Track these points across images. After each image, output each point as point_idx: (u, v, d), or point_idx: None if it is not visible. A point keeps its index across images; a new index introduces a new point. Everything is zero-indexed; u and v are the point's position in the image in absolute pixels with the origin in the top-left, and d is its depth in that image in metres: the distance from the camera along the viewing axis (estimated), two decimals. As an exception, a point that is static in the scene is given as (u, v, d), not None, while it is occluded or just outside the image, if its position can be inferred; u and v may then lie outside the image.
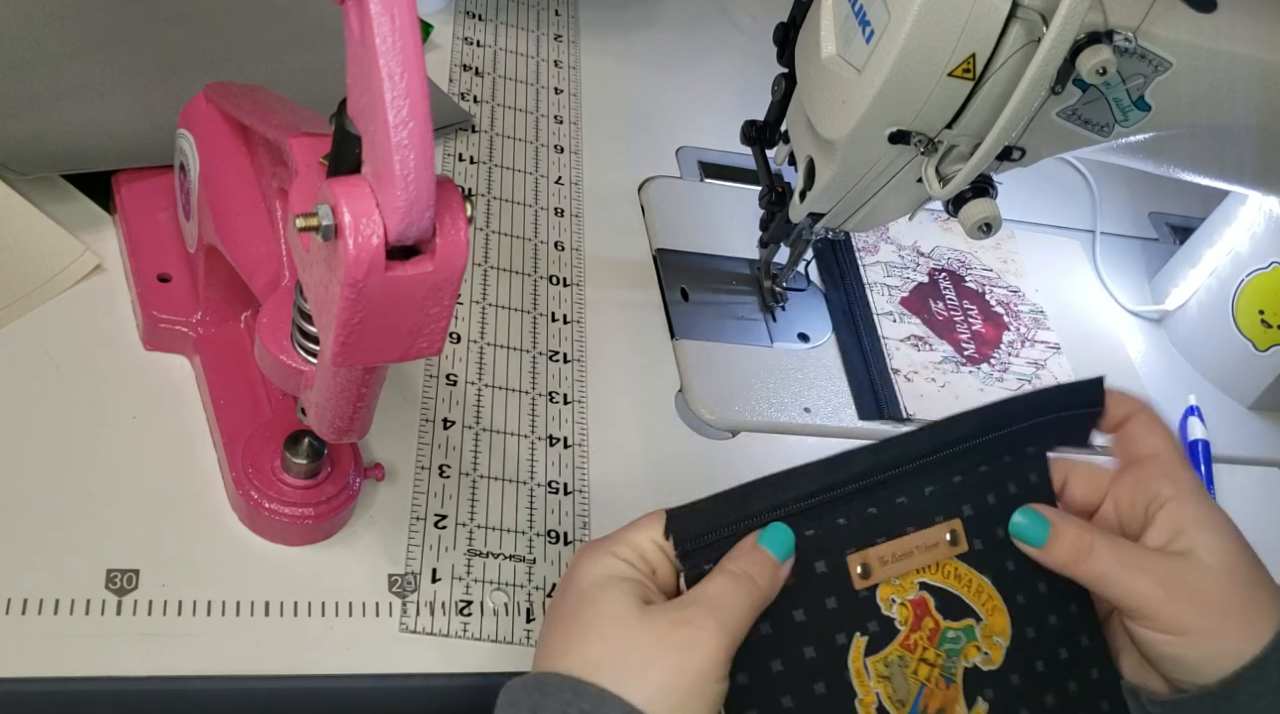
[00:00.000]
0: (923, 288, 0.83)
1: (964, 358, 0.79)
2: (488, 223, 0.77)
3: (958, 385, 0.77)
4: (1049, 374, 0.80)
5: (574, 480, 0.66)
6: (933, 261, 0.85)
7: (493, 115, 0.84)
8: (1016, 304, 0.84)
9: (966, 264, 0.86)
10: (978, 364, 0.79)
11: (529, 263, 0.76)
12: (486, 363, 0.69)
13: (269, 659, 0.54)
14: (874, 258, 0.83)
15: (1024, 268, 0.88)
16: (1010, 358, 0.80)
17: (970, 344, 0.80)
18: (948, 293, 0.83)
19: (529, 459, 0.66)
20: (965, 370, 0.78)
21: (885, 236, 0.84)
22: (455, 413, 0.66)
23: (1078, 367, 0.82)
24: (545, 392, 0.69)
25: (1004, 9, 0.56)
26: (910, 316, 0.80)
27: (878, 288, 0.81)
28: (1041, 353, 0.81)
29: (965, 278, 0.85)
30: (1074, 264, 0.93)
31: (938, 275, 0.84)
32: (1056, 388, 0.54)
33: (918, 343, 0.78)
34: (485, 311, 0.72)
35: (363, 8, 0.39)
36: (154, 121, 0.68)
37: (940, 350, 0.79)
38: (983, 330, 0.81)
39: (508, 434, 0.66)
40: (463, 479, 0.63)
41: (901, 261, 0.84)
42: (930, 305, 0.81)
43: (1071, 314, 0.87)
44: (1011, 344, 0.81)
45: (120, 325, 0.63)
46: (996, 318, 0.83)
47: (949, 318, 0.81)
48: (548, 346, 0.72)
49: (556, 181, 0.82)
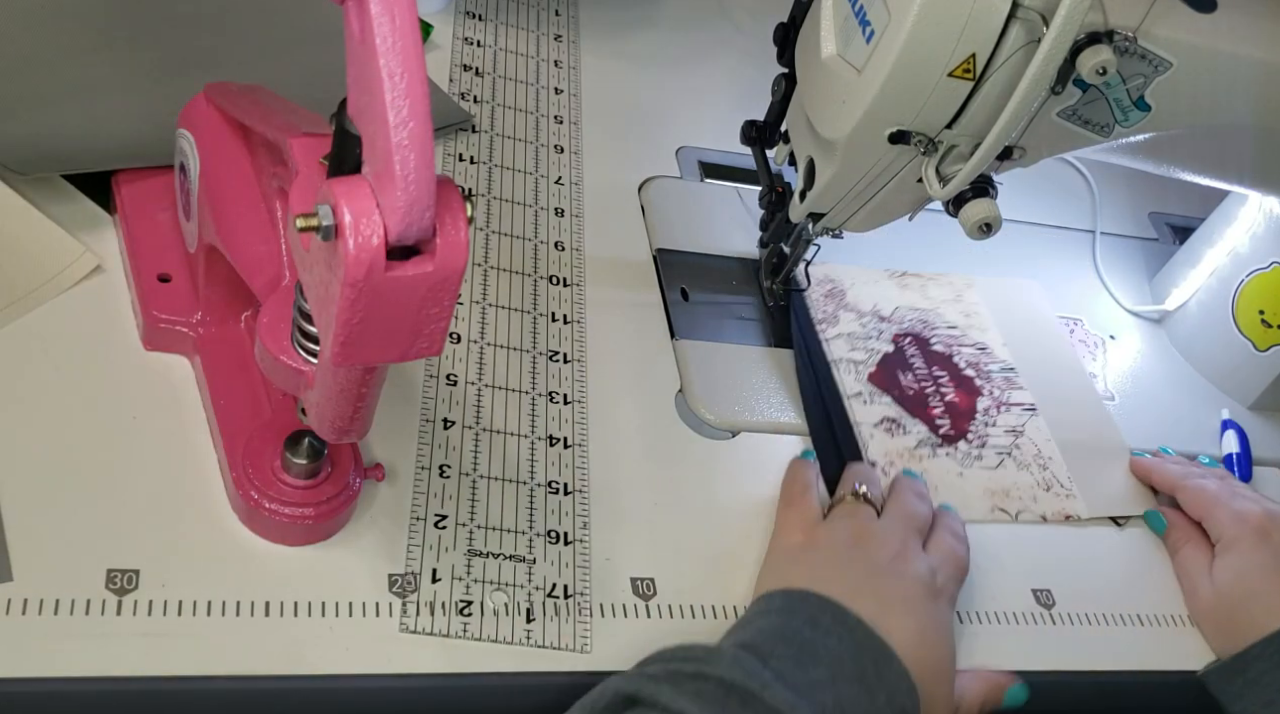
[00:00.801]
0: (889, 359, 0.77)
1: (940, 437, 0.74)
2: (488, 223, 0.77)
3: (935, 471, 0.72)
4: (1028, 441, 0.76)
5: (574, 480, 0.66)
6: (895, 325, 0.80)
7: (493, 115, 0.84)
8: (986, 363, 0.80)
9: (930, 323, 0.81)
10: (954, 442, 0.74)
11: (529, 263, 0.76)
12: (486, 363, 0.69)
13: (269, 659, 0.54)
14: (835, 330, 0.78)
15: (987, 320, 0.83)
16: (987, 429, 0.75)
17: (945, 419, 0.75)
18: (915, 361, 0.78)
19: (529, 459, 0.66)
20: (942, 452, 0.73)
21: (843, 303, 0.80)
22: (455, 413, 0.66)
23: (1055, 424, 0.77)
24: (545, 391, 0.69)
25: (1004, 9, 0.56)
26: (880, 395, 0.75)
27: (844, 365, 0.76)
28: (1018, 418, 0.77)
29: (931, 340, 0.80)
30: (1068, 269, 0.93)
31: (903, 341, 0.79)
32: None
33: (891, 427, 0.73)
34: (485, 311, 0.72)
35: (363, 8, 0.39)
36: (154, 121, 0.68)
37: (914, 432, 0.74)
38: (956, 400, 0.76)
39: (508, 434, 0.66)
40: (463, 479, 0.63)
41: (864, 330, 0.78)
42: (900, 378, 0.76)
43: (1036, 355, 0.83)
44: (986, 411, 0.77)
45: (120, 325, 0.63)
46: (968, 383, 0.78)
47: (920, 391, 0.76)
48: (548, 346, 0.72)
49: (556, 181, 0.82)
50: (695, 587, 0.63)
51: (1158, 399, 0.85)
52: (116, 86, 0.71)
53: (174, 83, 0.71)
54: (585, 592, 0.61)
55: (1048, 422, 0.77)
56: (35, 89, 0.69)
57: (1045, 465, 0.74)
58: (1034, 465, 0.74)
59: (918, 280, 0.84)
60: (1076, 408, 0.80)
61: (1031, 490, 0.72)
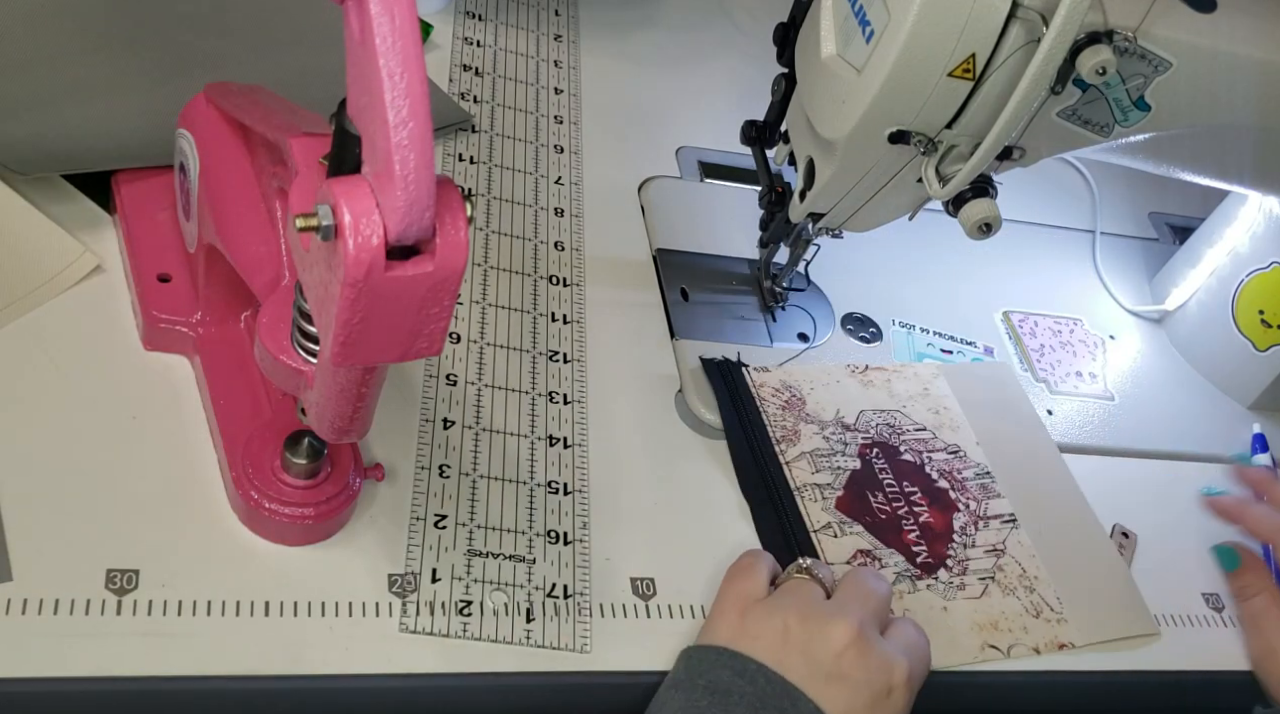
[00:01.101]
0: (857, 477, 0.70)
1: (918, 567, 0.67)
2: (488, 223, 0.77)
3: (918, 607, 0.65)
4: (1011, 560, 0.69)
5: (574, 480, 0.66)
6: (861, 434, 0.73)
7: (493, 115, 0.84)
8: (960, 470, 0.73)
9: (897, 427, 0.74)
10: (934, 571, 0.67)
11: (529, 263, 0.76)
12: (486, 363, 0.69)
13: (269, 659, 0.54)
14: (796, 449, 0.70)
15: (958, 416, 0.76)
16: (966, 551, 0.69)
17: (921, 545, 0.68)
18: (885, 476, 0.71)
19: (529, 459, 0.66)
20: (922, 585, 0.66)
21: (804, 415, 0.72)
22: (455, 413, 0.66)
23: (1038, 534, 0.71)
24: (545, 391, 0.69)
25: (1004, 9, 0.56)
26: (851, 524, 0.68)
27: (808, 492, 0.68)
28: (998, 533, 0.70)
29: (900, 448, 0.73)
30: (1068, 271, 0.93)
31: (870, 454, 0.72)
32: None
33: (866, 561, 0.66)
34: (485, 312, 0.72)
35: (363, 8, 0.39)
36: (154, 121, 0.68)
37: (891, 564, 0.67)
38: (931, 520, 0.69)
39: (508, 434, 0.66)
40: (463, 479, 0.63)
41: (828, 445, 0.71)
42: (870, 501, 0.69)
43: (1013, 452, 0.76)
44: (964, 529, 0.70)
45: (120, 325, 0.63)
46: (943, 498, 0.71)
47: (893, 514, 0.69)
48: (547, 347, 0.72)
49: (556, 181, 0.82)
50: (695, 587, 0.63)
51: (1158, 399, 0.85)
52: (116, 86, 0.71)
53: (174, 83, 0.71)
54: (585, 592, 0.61)
55: (1030, 533, 0.71)
56: (35, 89, 0.69)
57: (1032, 587, 0.68)
58: (1020, 588, 0.68)
59: (881, 375, 0.77)
60: (1059, 509, 0.74)
61: (1021, 618, 0.66)
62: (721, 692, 0.54)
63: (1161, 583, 0.73)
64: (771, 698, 0.53)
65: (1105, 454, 0.80)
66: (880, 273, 0.85)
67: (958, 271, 0.88)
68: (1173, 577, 0.74)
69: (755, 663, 0.55)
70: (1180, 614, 0.71)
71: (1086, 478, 0.77)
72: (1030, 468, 0.75)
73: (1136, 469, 0.80)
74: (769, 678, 0.54)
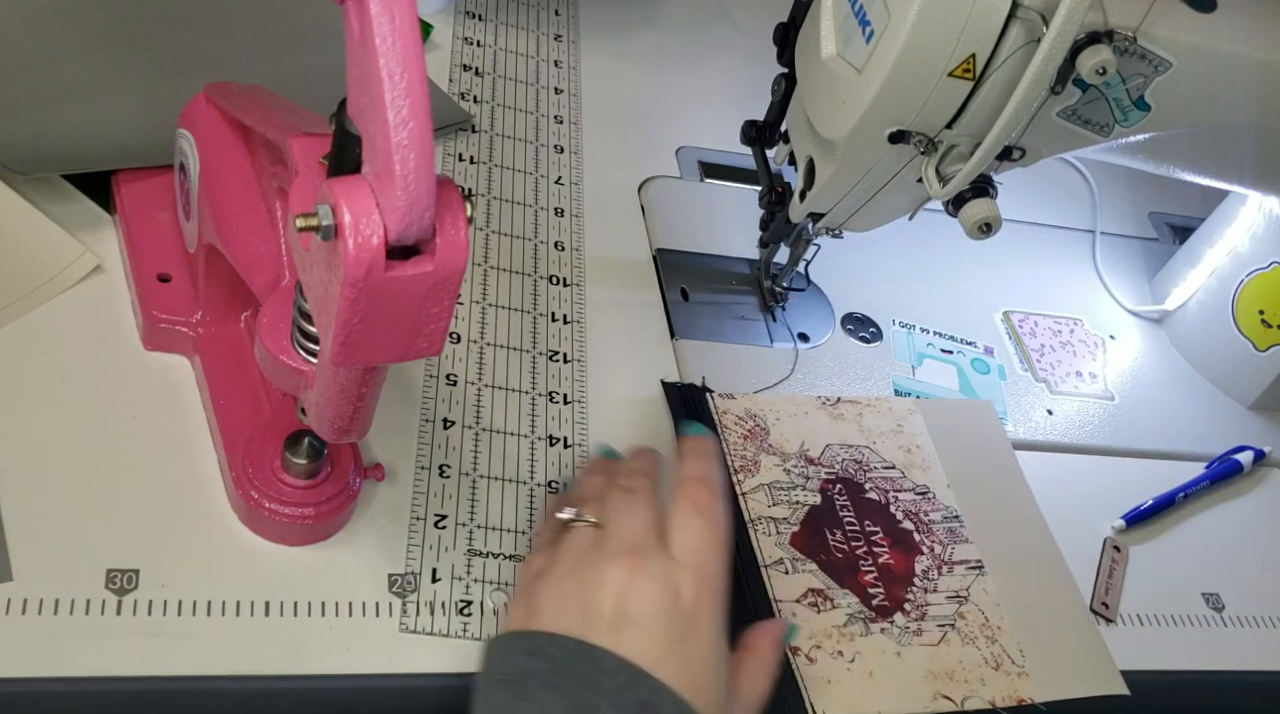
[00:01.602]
0: (815, 513, 0.67)
1: (873, 610, 0.64)
2: (488, 223, 0.77)
3: (869, 652, 0.62)
4: (974, 609, 0.66)
5: (574, 480, 0.66)
6: (825, 469, 0.70)
7: (493, 115, 0.84)
8: (927, 512, 0.70)
9: (865, 464, 0.71)
10: (890, 615, 0.64)
11: (529, 263, 0.76)
12: (486, 363, 0.69)
13: (269, 659, 0.54)
14: (754, 480, 0.68)
15: (930, 456, 0.73)
16: (926, 595, 0.66)
17: (879, 587, 0.65)
18: (846, 514, 0.68)
19: (529, 459, 0.66)
20: (876, 629, 0.63)
21: (765, 445, 0.70)
22: (455, 413, 0.66)
23: (1005, 583, 0.68)
24: (545, 391, 0.69)
25: (1004, 9, 0.56)
26: (805, 561, 0.65)
27: (762, 526, 0.66)
28: (962, 580, 0.67)
29: (865, 486, 0.70)
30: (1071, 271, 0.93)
31: (832, 490, 0.69)
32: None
33: (817, 600, 0.63)
34: (485, 312, 0.72)
35: (363, 8, 0.39)
36: (154, 121, 0.68)
37: (844, 605, 0.64)
38: (891, 562, 0.66)
39: (508, 434, 0.66)
40: (463, 479, 0.63)
41: (788, 477, 0.69)
42: (827, 538, 0.66)
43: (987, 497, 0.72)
44: (926, 573, 0.67)
45: (120, 325, 0.63)
46: (906, 539, 0.68)
47: (850, 553, 0.66)
48: (548, 347, 0.72)
49: (556, 181, 0.82)
50: (695, 587, 0.63)
51: (1158, 399, 0.85)
52: (116, 86, 0.71)
53: (174, 83, 0.71)
54: (585, 592, 0.61)
55: (996, 581, 0.68)
56: (35, 89, 0.69)
57: (994, 637, 0.65)
58: (981, 638, 0.65)
59: (854, 408, 0.74)
60: (1030, 560, 0.70)
61: (979, 669, 0.64)
62: (518, 680, 0.50)
63: (1161, 583, 0.73)
64: (570, 665, 0.50)
65: (1105, 454, 0.80)
66: (880, 273, 0.85)
67: (958, 271, 0.88)
68: (1173, 577, 0.74)
69: (545, 635, 0.51)
70: (1180, 614, 0.71)
71: (1086, 478, 0.77)
72: (1003, 514, 0.72)
73: (1136, 469, 0.80)
74: (562, 646, 0.50)
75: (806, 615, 0.63)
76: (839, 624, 0.63)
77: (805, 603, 0.63)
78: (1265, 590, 0.76)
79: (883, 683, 0.61)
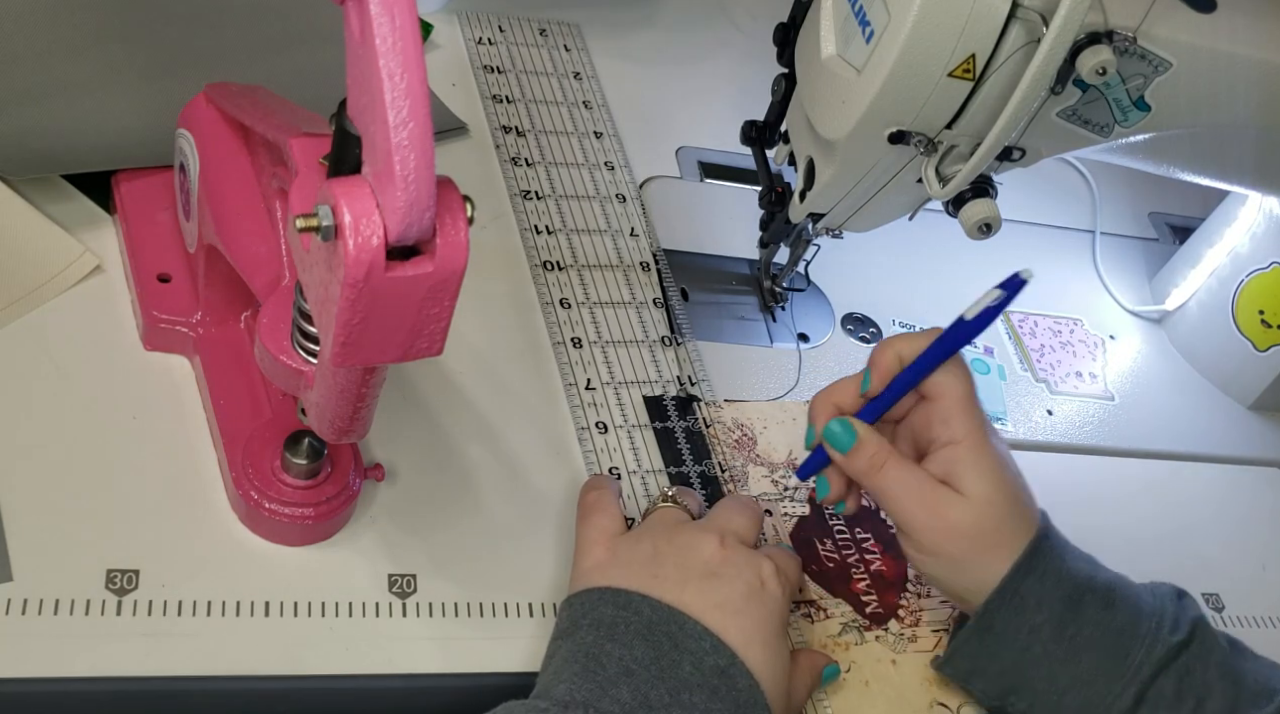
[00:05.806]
0: (806, 525, 0.67)
1: (866, 618, 0.64)
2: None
3: (864, 660, 0.62)
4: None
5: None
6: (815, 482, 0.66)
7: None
8: None
9: None
10: (884, 622, 0.64)
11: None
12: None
13: (269, 659, 0.54)
14: (743, 492, 0.67)
15: None
16: (920, 601, 0.65)
17: (871, 594, 0.65)
18: (835, 522, 0.67)
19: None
20: (870, 636, 0.63)
21: (753, 455, 0.69)
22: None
23: None
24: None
25: (1004, 9, 0.56)
26: None
27: None
28: None
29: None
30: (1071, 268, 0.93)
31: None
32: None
33: (810, 611, 0.63)
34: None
35: (363, 8, 0.39)
36: (153, 121, 0.68)
37: (837, 615, 0.63)
38: (883, 569, 0.66)
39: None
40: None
41: (775, 489, 0.68)
42: (819, 549, 0.66)
43: None
44: (919, 579, 0.66)
45: (120, 325, 0.63)
46: (897, 545, 0.63)
47: (841, 562, 0.66)
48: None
49: (556, 181, 0.82)
50: (695, 587, 0.63)
51: (1158, 399, 0.85)
52: (116, 86, 0.71)
53: (173, 82, 0.71)
54: (585, 592, 0.61)
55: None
56: (35, 89, 0.69)
57: None
58: None
59: None
60: None
61: None
62: (608, 625, 0.53)
63: (1161, 583, 0.73)
64: (659, 624, 0.53)
65: (1105, 454, 0.80)
66: (880, 273, 0.85)
67: (957, 271, 0.88)
68: (1172, 577, 0.74)
69: (638, 594, 0.54)
70: (1180, 614, 0.71)
71: (1086, 478, 0.77)
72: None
73: (1137, 469, 0.80)
74: (653, 606, 0.54)
75: (799, 625, 0.62)
76: (833, 634, 0.63)
77: (798, 613, 0.63)
78: (1265, 590, 0.76)
79: (879, 692, 0.61)
